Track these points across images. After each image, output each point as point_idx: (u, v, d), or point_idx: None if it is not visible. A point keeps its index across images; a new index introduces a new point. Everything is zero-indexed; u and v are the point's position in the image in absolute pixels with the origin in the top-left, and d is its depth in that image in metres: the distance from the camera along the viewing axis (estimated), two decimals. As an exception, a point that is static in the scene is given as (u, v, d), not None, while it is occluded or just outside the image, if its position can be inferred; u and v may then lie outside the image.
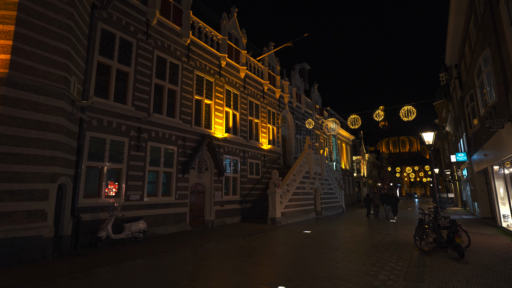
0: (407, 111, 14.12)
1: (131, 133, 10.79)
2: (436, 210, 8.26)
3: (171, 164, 12.34)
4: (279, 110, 21.99)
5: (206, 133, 14.22)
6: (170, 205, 12.04)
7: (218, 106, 15.55)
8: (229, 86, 16.68)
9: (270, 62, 21.29)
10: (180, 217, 12.43)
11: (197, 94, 14.34)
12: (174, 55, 13.10)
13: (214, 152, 14.32)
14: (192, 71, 14.06)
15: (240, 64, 17.63)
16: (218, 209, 14.64)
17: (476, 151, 15.24)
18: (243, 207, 16.42)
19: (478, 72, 11.82)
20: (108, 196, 9.80)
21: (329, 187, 22.99)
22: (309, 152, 19.72)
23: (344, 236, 10.81)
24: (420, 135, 9.16)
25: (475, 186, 16.89)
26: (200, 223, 13.91)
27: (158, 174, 11.75)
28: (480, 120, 13.05)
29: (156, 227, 11.23)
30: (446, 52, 19.01)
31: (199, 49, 14.64)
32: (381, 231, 11.97)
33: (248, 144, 17.60)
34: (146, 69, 11.69)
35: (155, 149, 11.71)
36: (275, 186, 15.07)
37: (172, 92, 12.99)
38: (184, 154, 13.00)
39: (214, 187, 14.63)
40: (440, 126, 37.96)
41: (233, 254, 7.72)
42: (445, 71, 37.13)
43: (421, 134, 9.15)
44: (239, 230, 12.60)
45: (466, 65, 15.26)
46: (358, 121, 15.90)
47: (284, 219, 15.44)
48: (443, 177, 49.68)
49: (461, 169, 23.57)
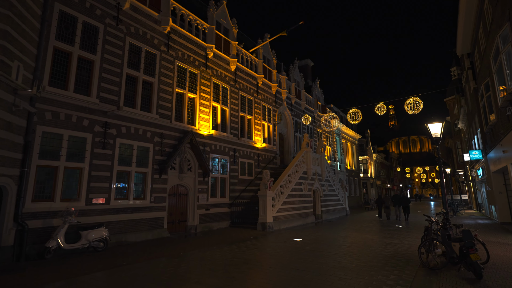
0: (413, 104, 12.59)
1: (96, 129, 9.58)
2: (446, 217, 6.75)
3: (145, 163, 11.10)
4: (276, 107, 20.57)
5: (188, 129, 12.95)
6: (144, 209, 10.78)
7: (204, 101, 14.27)
8: (217, 79, 15.38)
9: (265, 55, 19.92)
10: (156, 222, 11.16)
11: (179, 87, 13.08)
12: (150, 43, 11.88)
13: (198, 151, 13.03)
14: (172, 62, 12.82)
15: (230, 56, 16.33)
16: (202, 213, 13.32)
17: (493, 147, 13.53)
18: (232, 210, 15.06)
19: (495, 55, 10.20)
20: (65, 200, 8.59)
21: (330, 188, 21.43)
22: (307, 150, 18.24)
23: (337, 245, 9.33)
24: (426, 127, 7.62)
25: (492, 187, 15.12)
26: (181, 228, 12.62)
27: (129, 174, 10.52)
28: (497, 112, 11.39)
29: (126, 234, 9.98)
30: (457, 40, 17.29)
31: (181, 38, 13.40)
32: (383, 239, 10.44)
33: (239, 142, 16.25)
34: (116, 57, 10.49)
35: (126, 147, 10.48)
36: (266, 188, 13.66)
37: (148, 84, 11.76)
38: (162, 152, 11.74)
39: (199, 189, 13.33)
40: (452, 123, 35.84)
41: (198, 270, 6.37)
42: (457, 65, 35.05)
43: (427, 126, 7.61)
44: (223, 237, 11.26)
45: (481, 51, 13.58)
46: (358, 116, 14.41)
47: (276, 224, 14.01)
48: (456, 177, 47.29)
49: (476, 169, 21.67)
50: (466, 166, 30.38)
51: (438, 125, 7.53)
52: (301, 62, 33.43)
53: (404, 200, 18.27)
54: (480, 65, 14.18)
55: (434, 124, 7.59)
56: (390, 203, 19.38)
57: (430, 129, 7.66)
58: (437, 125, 7.56)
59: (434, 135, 7.62)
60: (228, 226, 14.66)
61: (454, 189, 72.71)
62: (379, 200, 20.69)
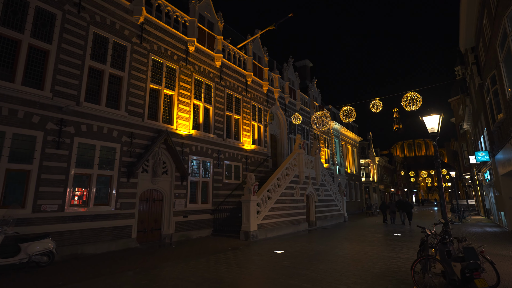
0: (411, 99, 11.37)
1: (48, 126, 8.51)
2: (445, 229, 5.51)
3: (110, 165, 9.99)
4: (267, 106, 19.43)
5: (164, 129, 11.85)
6: (107, 217, 9.65)
7: (183, 98, 13.18)
8: (200, 76, 14.30)
9: (255, 52, 18.84)
10: (122, 231, 10.01)
11: (154, 82, 12.02)
12: (120, 34, 10.86)
13: (174, 152, 11.90)
14: (146, 55, 11.78)
15: (215, 52, 15.27)
16: (180, 221, 12.15)
17: (501, 148, 12.19)
18: (215, 217, 13.86)
19: (502, 41, 8.96)
20: (4, 207, 7.49)
21: (326, 193, 20.12)
22: (300, 152, 17.02)
23: (321, 260, 8.08)
24: (421, 120, 6.40)
25: (501, 191, 13.72)
26: (155, 237, 11.46)
27: (90, 178, 9.41)
28: (506, 107, 10.11)
29: (83, 245, 8.84)
30: (459, 33, 16.05)
31: (157, 30, 12.37)
32: (376, 252, 9.15)
33: (224, 144, 15.11)
34: (76, 48, 9.46)
35: (86, 147, 9.39)
36: (250, 193, 12.47)
37: (117, 78, 10.70)
38: (131, 153, 10.64)
39: (175, 193, 12.18)
40: (457, 125, 34.33)
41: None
42: (461, 64, 33.65)
43: (422, 119, 6.40)
44: (199, 248, 10.07)
45: (485, 41, 12.33)
46: (352, 114, 13.22)
47: (262, 232, 12.78)
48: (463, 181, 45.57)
49: (482, 172, 20.20)
50: (472, 169, 28.84)
51: (435, 117, 6.31)
52: (300, 63, 32.39)
53: (407, 205, 18.97)
54: (485, 57, 12.91)
55: (430, 117, 6.37)
56: (394, 208, 19.83)
57: (426, 123, 6.44)
58: (433, 117, 6.34)
59: (430, 130, 6.40)
60: (210, 234, 13.46)
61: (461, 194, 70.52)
62: (383, 205, 20.87)
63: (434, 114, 6.33)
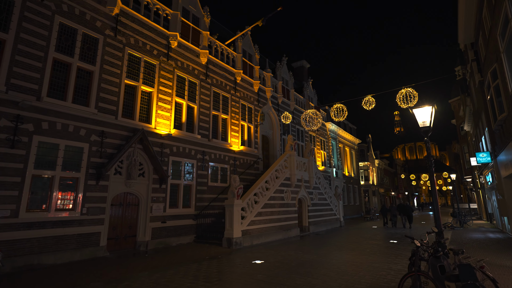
0: (406, 96, 10.54)
1: (2, 123, 7.72)
2: (439, 240, 4.64)
3: (77, 166, 9.17)
4: (258, 106, 18.61)
5: (140, 127, 11.04)
6: (71, 223, 8.81)
7: (163, 96, 12.39)
8: (183, 72, 13.52)
9: (246, 49, 18.07)
10: (89, 239, 9.15)
11: (130, 78, 11.23)
12: (91, 26, 10.09)
13: (152, 153, 11.08)
14: (121, 49, 11.01)
15: (201, 47, 14.50)
16: (157, 227, 11.28)
17: (504, 148, 11.31)
18: (199, 223, 12.99)
19: (503, 28, 8.13)
20: None
21: (320, 197, 19.21)
22: (291, 154, 16.17)
23: (301, 273, 7.20)
24: (411, 113, 5.56)
25: (504, 195, 12.81)
26: (129, 245, 10.59)
27: (52, 180, 8.58)
28: (508, 102, 9.25)
29: (41, 255, 8.00)
30: (458, 28, 15.24)
31: (134, 23, 11.61)
32: (366, 262, 8.25)
33: (210, 144, 14.28)
34: (38, 38, 8.69)
35: (48, 146, 8.58)
36: (234, 196, 11.61)
37: (87, 73, 9.92)
38: (102, 154, 9.81)
39: (153, 197, 11.33)
40: (458, 126, 33.43)
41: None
42: (461, 64, 32.80)
43: (412, 112, 5.56)
44: (173, 257, 9.21)
45: (485, 34, 11.50)
46: (343, 112, 12.39)
47: (247, 239, 11.90)
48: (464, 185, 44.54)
49: (484, 175, 19.27)
50: (474, 172, 27.90)
51: (427, 109, 5.47)
52: (296, 64, 31.69)
53: (408, 209, 19.55)
54: (485, 52, 12.09)
55: (422, 109, 5.52)
56: (395, 211, 20.37)
57: (417, 116, 5.59)
58: (425, 110, 5.49)
59: (422, 124, 5.55)
60: (192, 241, 12.57)
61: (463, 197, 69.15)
62: (383, 209, 21.22)
63: (426, 106, 5.48)
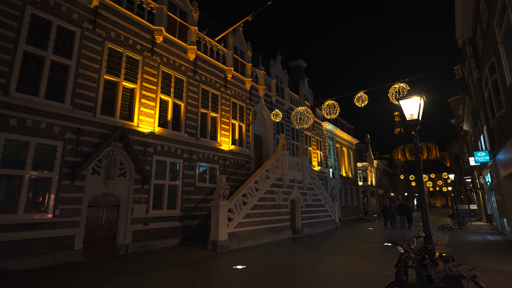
0: (399, 92, 10.02)
1: (-36, 119, 7.22)
2: (425, 246, 4.12)
3: (49, 166, 8.66)
4: (251, 104, 18.10)
5: (120, 125, 10.53)
6: (43, 226, 8.30)
7: (147, 92, 11.89)
8: (169, 68, 13.02)
9: (237, 46, 17.57)
10: (62, 242, 8.64)
11: (110, 73, 10.73)
12: (66, 17, 9.60)
13: (133, 152, 10.57)
14: (101, 43, 10.51)
15: (188, 43, 14.00)
16: (139, 229, 10.77)
17: (503, 146, 10.77)
18: (185, 225, 12.46)
19: (501, 18, 7.62)
20: None
21: (315, 197, 18.67)
22: (283, 153, 15.65)
23: (282, 280, 6.66)
24: (398, 104, 5.05)
25: (503, 195, 12.25)
26: (108, 249, 10.07)
27: (20, 180, 8.07)
28: (506, 97, 8.73)
29: (6, 260, 7.48)
30: (455, 23, 14.73)
31: (116, 16, 11.12)
32: (354, 266, 7.72)
33: (197, 143, 13.76)
34: (6, 30, 8.19)
35: (17, 144, 8.08)
36: (220, 197, 11.09)
37: (62, 67, 9.42)
38: (77, 153, 9.30)
39: (135, 198, 10.82)
40: (457, 126, 32.85)
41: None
42: (460, 62, 32.29)
43: (398, 103, 5.05)
44: (153, 261, 8.69)
45: (483, 26, 10.99)
46: (335, 109, 11.88)
47: (234, 242, 11.37)
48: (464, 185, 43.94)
49: (483, 175, 18.72)
50: (473, 172, 27.34)
51: (415, 101, 4.94)
52: (293, 63, 31.20)
53: (408, 209, 19.83)
54: (483, 45, 11.57)
55: (409, 100, 5.00)
56: (395, 212, 20.81)
57: (404, 108, 5.07)
58: (413, 101, 4.97)
59: (409, 117, 5.02)
60: (178, 244, 12.05)
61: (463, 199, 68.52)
62: (384, 210, 21.49)
63: (414, 97, 4.96)
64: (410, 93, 5.04)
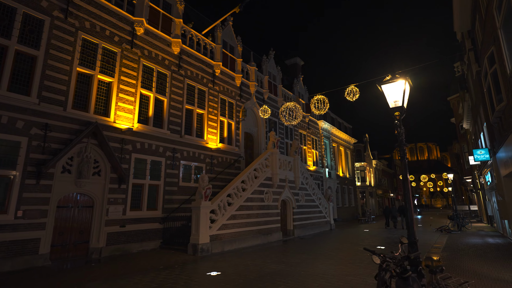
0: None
1: None
2: (407, 256, 3.45)
3: (11, 163, 8.02)
4: (241, 101, 17.44)
5: (94, 120, 9.88)
6: (2, 228, 7.64)
7: (126, 87, 11.24)
8: (151, 62, 12.37)
9: (227, 41, 16.92)
10: (25, 246, 7.99)
11: (84, 66, 10.09)
12: (34, 5, 8.96)
13: (108, 149, 9.92)
14: (74, 33, 9.87)
15: (173, 36, 13.36)
16: (114, 231, 10.10)
17: (503, 143, 10.09)
18: (166, 227, 11.80)
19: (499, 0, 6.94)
20: None
21: (308, 198, 17.98)
22: (273, 152, 14.98)
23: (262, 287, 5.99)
24: (379, 89, 4.38)
25: (504, 196, 11.55)
26: (80, 252, 9.42)
27: (-23, 178, 7.44)
28: (506, 89, 8.04)
29: (-43, 265, 6.84)
30: (453, 13, 14.04)
31: (91, 5, 10.48)
32: (335, 276, 7.04)
33: (181, 141, 13.10)
34: (-36, 16, 7.58)
35: (-27, 140, 7.45)
36: (201, 198, 10.42)
37: (28, 58, 8.78)
38: (45, 150, 8.66)
39: (110, 199, 10.16)
40: (457, 125, 32.11)
41: None
42: (460, 60, 31.56)
43: (380, 87, 4.38)
44: (123, 266, 8.04)
45: (482, 14, 10.31)
46: (324, 104, 11.20)
47: (217, 245, 10.70)
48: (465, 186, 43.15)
49: (484, 174, 18.00)
50: (474, 172, 26.59)
51: (399, 84, 4.27)
52: (290, 61, 30.51)
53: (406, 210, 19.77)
54: (482, 36, 10.88)
55: (392, 84, 4.33)
56: (396, 213, 20.97)
57: (387, 94, 4.41)
58: (397, 85, 4.30)
59: (393, 105, 4.35)
60: (158, 247, 11.38)
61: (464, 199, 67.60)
62: (386, 210, 21.58)
63: (398, 80, 4.29)
64: (393, 77, 4.37)
